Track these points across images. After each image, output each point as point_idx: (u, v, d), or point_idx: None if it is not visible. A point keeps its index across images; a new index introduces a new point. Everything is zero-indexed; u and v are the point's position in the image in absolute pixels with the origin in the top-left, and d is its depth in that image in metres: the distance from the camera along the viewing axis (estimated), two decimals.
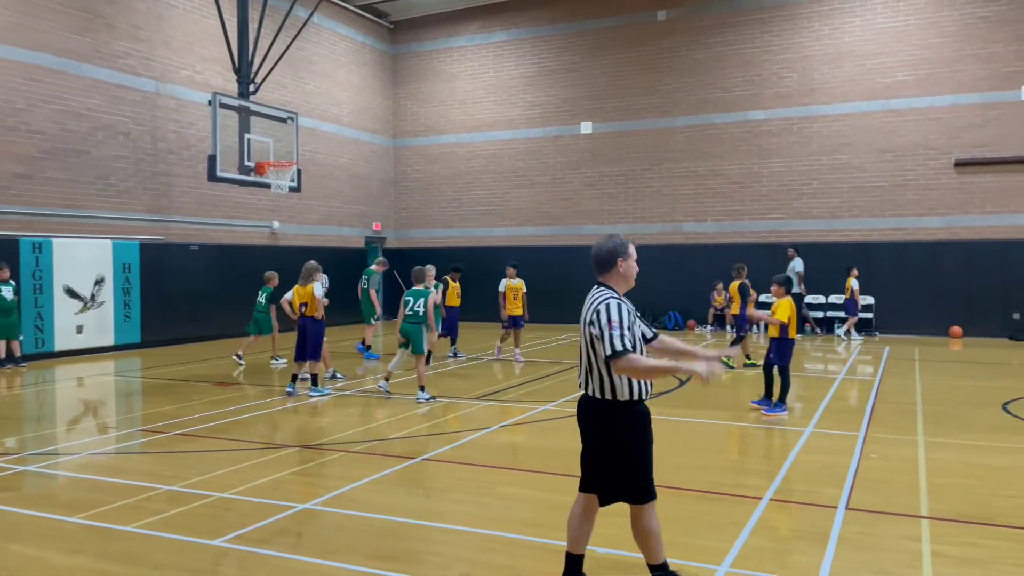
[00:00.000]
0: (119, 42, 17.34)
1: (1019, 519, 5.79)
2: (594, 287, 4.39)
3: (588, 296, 4.36)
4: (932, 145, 19.91)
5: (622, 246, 4.40)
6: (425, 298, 10.86)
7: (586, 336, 4.25)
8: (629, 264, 4.40)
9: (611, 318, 4.09)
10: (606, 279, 4.39)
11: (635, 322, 4.25)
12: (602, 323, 4.11)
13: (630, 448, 4.21)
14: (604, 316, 4.12)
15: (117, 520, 5.78)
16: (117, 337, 17.03)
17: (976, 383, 12.66)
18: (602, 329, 4.10)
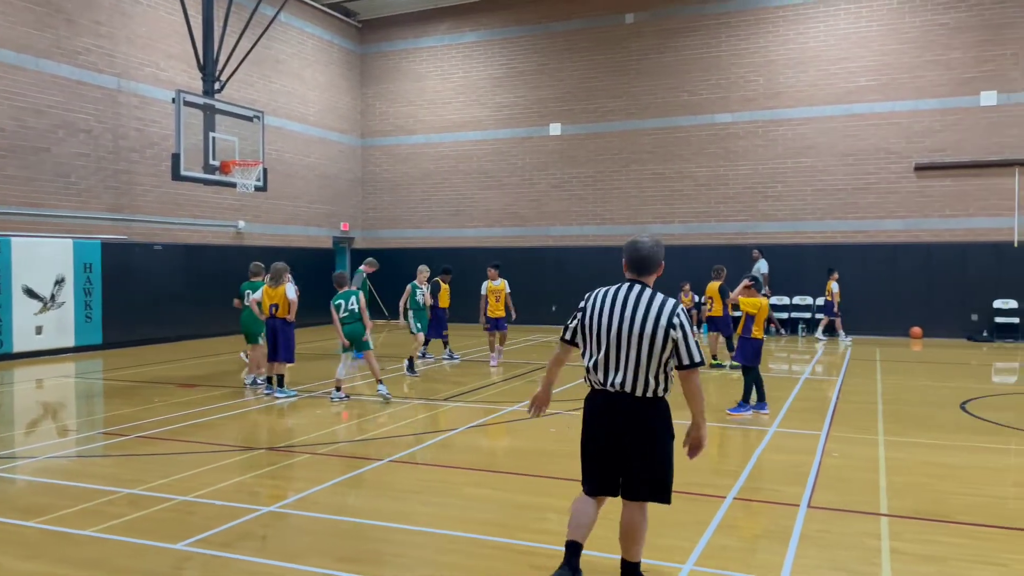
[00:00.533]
0: (80, 38, 17.04)
1: (975, 516, 5.92)
2: (635, 285, 4.28)
3: (631, 294, 4.25)
4: (893, 149, 20.28)
5: (663, 248, 4.40)
6: (356, 296, 10.85)
7: (660, 337, 4.12)
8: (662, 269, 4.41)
9: (692, 326, 4.16)
10: (647, 279, 4.32)
11: None
12: (686, 328, 4.11)
13: (671, 442, 4.30)
14: (688, 322, 4.14)
15: (76, 524, 5.68)
16: (78, 338, 16.72)
17: (935, 383, 12.92)
18: (686, 336, 4.10)
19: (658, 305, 4.17)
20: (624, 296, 4.25)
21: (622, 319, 4.20)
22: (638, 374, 4.16)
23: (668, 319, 4.12)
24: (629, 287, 4.28)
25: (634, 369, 4.16)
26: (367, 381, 12.36)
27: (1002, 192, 19.38)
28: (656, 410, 4.23)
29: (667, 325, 4.12)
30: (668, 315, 4.13)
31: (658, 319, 4.13)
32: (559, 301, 21.85)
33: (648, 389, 4.18)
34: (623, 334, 4.18)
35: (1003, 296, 19.37)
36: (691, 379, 4.17)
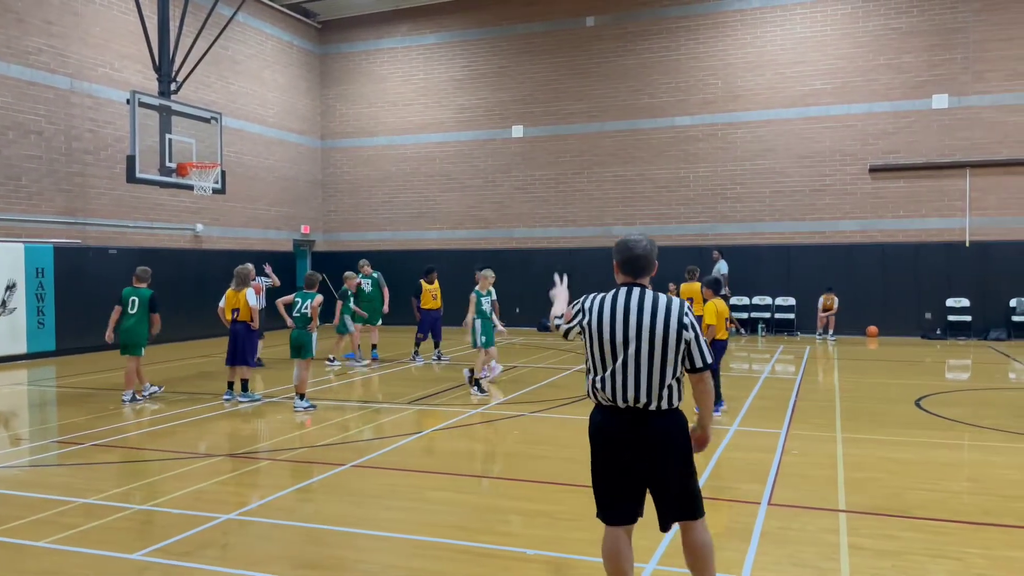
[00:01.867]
0: (31, 37, 16.64)
1: (931, 511, 6.05)
2: (635, 288, 3.96)
3: (632, 298, 3.92)
4: (848, 151, 20.67)
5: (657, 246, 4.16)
6: (311, 300, 10.61)
7: (672, 341, 3.84)
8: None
9: (700, 327, 3.96)
10: (644, 281, 4.04)
11: None
12: (698, 330, 3.87)
13: (690, 457, 4.02)
14: (696, 325, 3.90)
15: (29, 536, 5.53)
16: (30, 345, 16.30)
17: (891, 380, 13.18)
18: (698, 337, 3.87)
19: (664, 306, 3.87)
20: (625, 302, 3.91)
21: (627, 327, 3.85)
22: (652, 385, 3.83)
23: (679, 319, 3.85)
24: (628, 291, 3.95)
25: (647, 380, 3.83)
26: (340, 382, 12.25)
27: (953, 193, 19.87)
28: (671, 424, 3.91)
29: (679, 326, 3.84)
30: (678, 315, 3.85)
31: (668, 321, 3.84)
32: (523, 303, 21.87)
33: (664, 400, 3.86)
34: (631, 343, 3.84)
35: (955, 295, 19.86)
36: (704, 381, 3.94)
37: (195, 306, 19.08)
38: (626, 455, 3.89)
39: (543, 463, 7.62)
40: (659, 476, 3.89)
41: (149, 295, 11.14)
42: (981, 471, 7.43)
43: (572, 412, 10.21)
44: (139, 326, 11.08)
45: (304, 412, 10.22)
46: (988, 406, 10.80)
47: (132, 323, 11.09)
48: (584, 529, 5.61)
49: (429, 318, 15.46)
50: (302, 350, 10.46)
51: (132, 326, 11.09)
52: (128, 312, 11.11)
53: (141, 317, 11.08)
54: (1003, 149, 19.47)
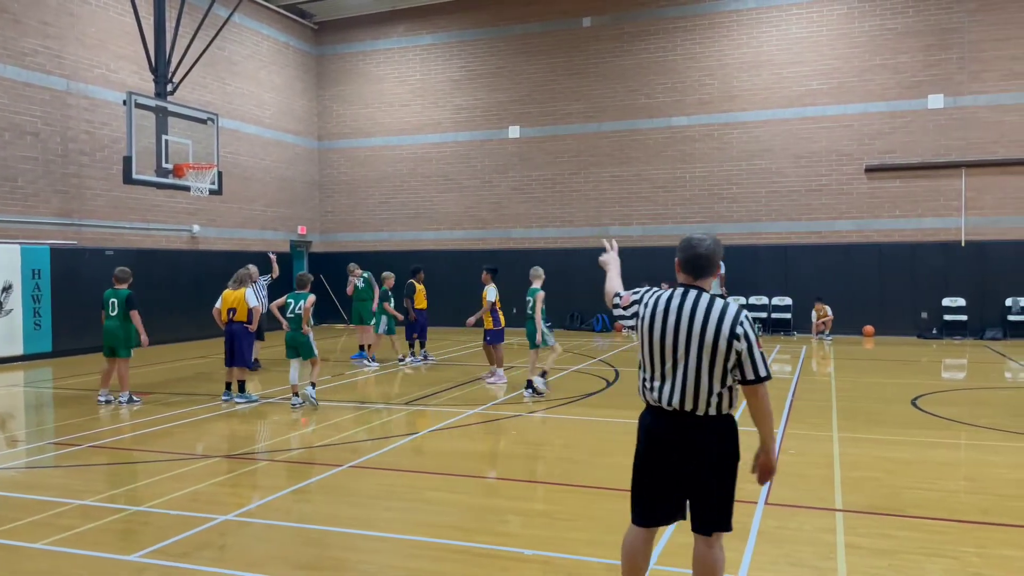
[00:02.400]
0: (27, 39, 16.61)
1: (927, 510, 6.07)
2: (694, 291, 3.79)
3: (687, 299, 3.77)
4: (844, 151, 20.71)
5: (722, 246, 3.96)
6: (304, 300, 10.65)
7: (721, 348, 3.67)
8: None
9: (757, 337, 3.72)
10: (703, 283, 3.84)
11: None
12: (752, 340, 3.67)
13: (736, 465, 3.84)
14: (752, 332, 3.69)
15: (26, 537, 5.52)
16: (27, 346, 16.27)
17: (887, 380, 13.20)
18: (751, 347, 3.66)
19: (719, 312, 3.70)
20: (679, 304, 3.76)
21: (678, 329, 3.73)
22: (699, 391, 3.70)
23: (731, 327, 3.66)
24: (684, 293, 3.79)
25: (694, 387, 3.71)
26: (338, 383, 12.24)
27: (949, 193, 19.91)
28: (720, 430, 3.77)
29: (730, 335, 3.66)
30: (731, 323, 3.67)
31: (719, 328, 3.67)
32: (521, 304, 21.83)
33: (710, 406, 3.72)
34: (680, 346, 3.73)
35: (951, 295, 19.90)
36: (757, 395, 3.70)
37: (192, 307, 19.06)
38: (672, 458, 3.81)
39: (541, 463, 7.63)
40: (699, 482, 3.80)
41: (126, 295, 11.09)
42: (977, 470, 7.45)
43: (570, 412, 10.22)
44: (120, 327, 11.02)
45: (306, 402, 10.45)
46: (984, 405, 10.83)
47: (113, 325, 11.02)
48: (582, 529, 5.62)
49: (422, 318, 15.51)
50: (300, 350, 10.52)
51: (113, 328, 11.02)
52: (109, 314, 11.07)
53: (122, 318, 11.03)
54: (999, 149, 19.51)
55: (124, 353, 11.10)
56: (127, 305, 11.04)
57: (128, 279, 11.33)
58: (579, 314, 22.88)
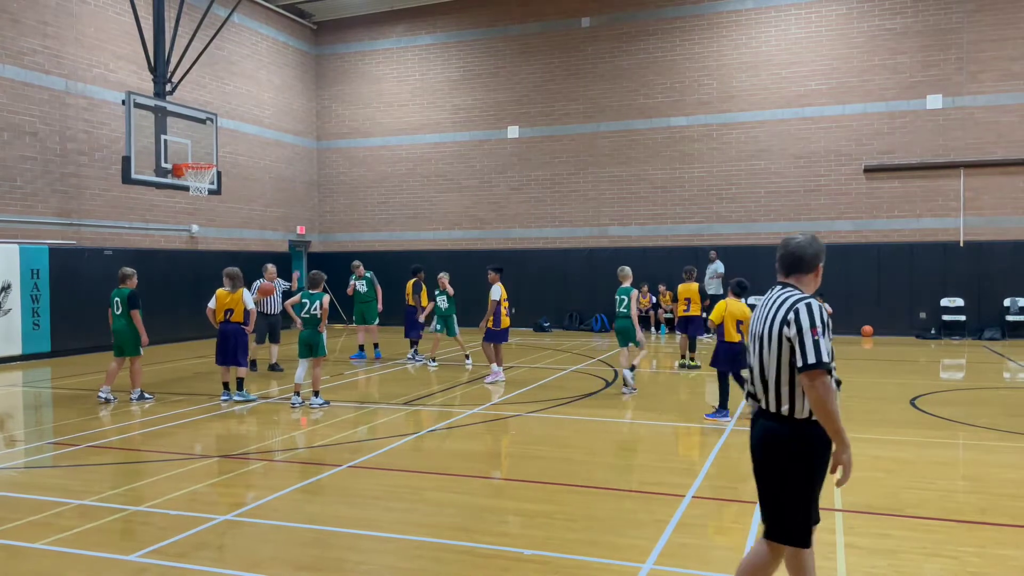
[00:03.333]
0: (26, 38, 16.60)
1: (926, 510, 6.08)
2: (779, 287, 3.83)
3: (771, 295, 3.82)
4: (843, 152, 20.72)
5: (824, 251, 3.89)
6: (320, 300, 10.68)
7: (775, 339, 3.66)
8: (821, 272, 3.87)
9: (814, 322, 3.54)
10: (797, 281, 3.82)
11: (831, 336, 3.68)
12: (803, 325, 3.54)
13: (803, 477, 3.66)
14: (806, 319, 3.55)
15: (24, 537, 5.52)
16: (25, 346, 16.26)
17: (886, 380, 13.21)
18: (802, 332, 3.54)
19: (777, 302, 3.71)
20: (764, 300, 3.84)
21: (756, 325, 3.81)
22: (767, 385, 3.70)
23: (784, 314, 3.62)
24: (772, 289, 3.87)
25: (761, 380, 3.73)
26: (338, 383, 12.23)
27: (948, 193, 19.93)
28: (790, 432, 3.65)
29: (782, 321, 3.62)
30: (785, 310, 3.63)
31: (775, 316, 3.67)
32: (520, 303, 21.87)
33: (781, 405, 3.65)
34: (756, 342, 3.79)
35: (950, 295, 19.91)
36: (810, 385, 3.51)
37: (191, 307, 19.02)
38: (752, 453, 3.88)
39: (540, 463, 7.63)
40: (759, 480, 3.81)
41: (128, 293, 11.17)
42: (976, 470, 7.46)
43: (569, 412, 10.23)
44: (127, 327, 11.13)
45: (319, 408, 10.44)
46: (983, 405, 10.84)
47: (120, 324, 11.17)
48: (581, 529, 5.62)
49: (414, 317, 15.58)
50: (314, 349, 10.56)
51: (120, 327, 11.17)
52: (115, 314, 11.21)
53: (128, 317, 11.13)
54: (997, 149, 19.54)
55: (133, 352, 11.20)
56: (129, 304, 11.10)
57: (129, 279, 11.37)
58: (577, 314, 22.88)
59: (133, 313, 11.09)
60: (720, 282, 20.52)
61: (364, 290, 15.87)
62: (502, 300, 12.97)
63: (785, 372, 3.62)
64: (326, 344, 10.83)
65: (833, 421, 3.54)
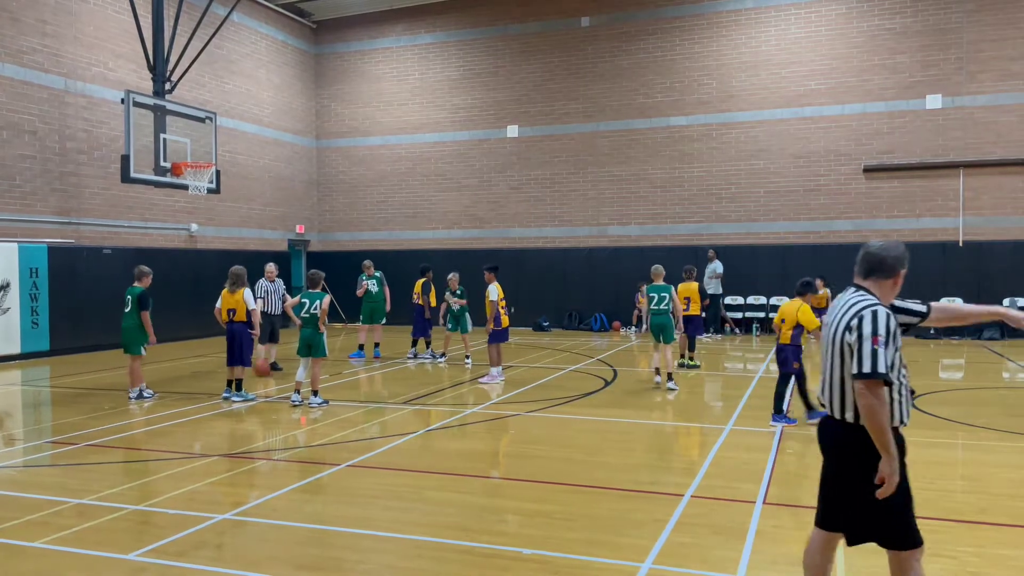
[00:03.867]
0: (25, 37, 16.58)
1: (925, 510, 6.05)
2: (851, 289, 3.80)
3: (843, 298, 3.78)
4: (842, 151, 20.72)
5: (907, 257, 3.79)
6: (320, 300, 10.69)
7: (838, 343, 3.63)
8: (901, 278, 3.77)
9: (877, 330, 3.47)
10: (873, 286, 3.75)
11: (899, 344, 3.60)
12: (864, 332, 3.49)
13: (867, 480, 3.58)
14: (869, 325, 3.49)
15: (23, 536, 5.51)
16: (24, 345, 16.24)
17: None
18: (861, 339, 3.48)
19: (848, 306, 3.66)
20: (836, 301, 3.81)
21: (825, 328, 3.80)
22: (833, 391, 3.66)
23: (848, 320, 3.58)
24: (845, 291, 3.83)
25: (828, 385, 3.70)
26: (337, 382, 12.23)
27: (947, 193, 19.93)
28: (850, 438, 3.62)
29: (844, 327, 3.58)
30: (849, 316, 3.59)
31: (839, 321, 3.63)
32: (519, 303, 21.87)
33: (846, 410, 3.61)
34: (822, 344, 3.80)
35: (949, 294, 19.88)
36: (861, 393, 3.46)
37: (190, 306, 19.05)
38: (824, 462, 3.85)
39: (539, 463, 7.63)
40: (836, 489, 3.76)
41: (138, 292, 11.23)
42: (975, 470, 7.46)
43: (567, 412, 10.23)
44: (133, 325, 11.18)
45: (318, 408, 10.44)
46: (982, 405, 10.84)
47: (125, 323, 11.26)
48: (580, 529, 5.62)
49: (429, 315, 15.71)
50: (313, 349, 10.56)
51: (126, 325, 11.25)
52: (125, 311, 11.30)
53: (134, 315, 11.17)
54: (996, 149, 19.54)
55: (134, 350, 11.24)
56: (138, 304, 11.17)
57: (142, 277, 11.44)
58: (577, 313, 22.88)
59: (143, 314, 11.16)
60: (719, 282, 20.55)
61: (375, 290, 15.86)
62: (499, 299, 12.93)
63: (849, 380, 3.57)
64: (326, 344, 10.83)
65: (880, 434, 3.46)
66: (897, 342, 3.55)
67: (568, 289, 23.00)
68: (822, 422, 3.83)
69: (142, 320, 11.14)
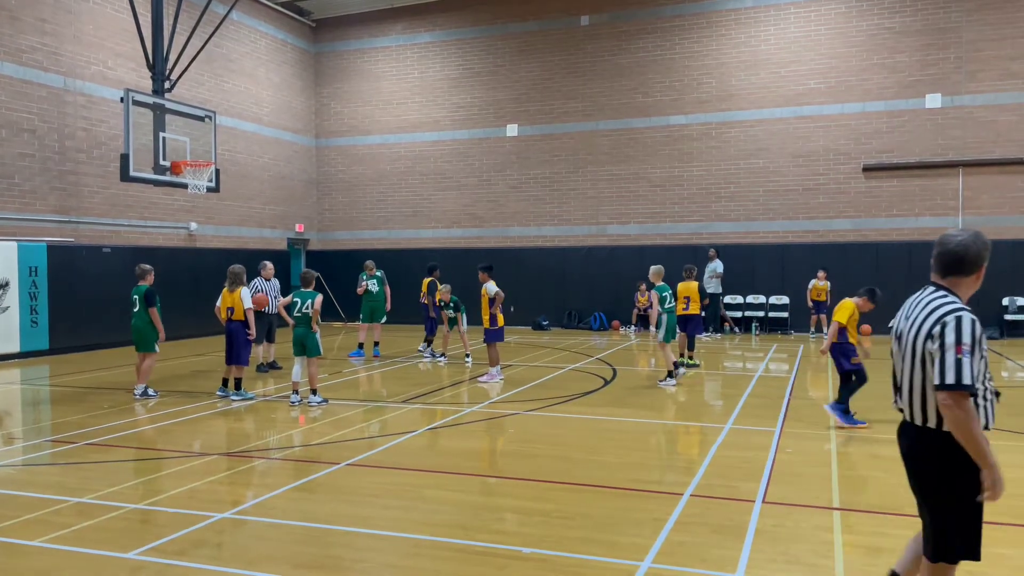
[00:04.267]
0: (25, 36, 16.57)
1: None
2: (930, 288, 3.56)
3: (920, 298, 3.57)
4: (842, 151, 20.72)
5: (988, 248, 3.54)
6: (313, 299, 10.69)
7: (918, 351, 3.43)
8: (983, 272, 3.54)
9: (961, 339, 3.26)
10: (953, 284, 3.51)
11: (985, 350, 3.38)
12: (947, 341, 3.27)
13: (959, 491, 3.44)
14: (952, 333, 3.27)
15: (22, 535, 5.51)
16: (23, 344, 16.24)
17: (885, 378, 13.19)
18: (944, 348, 3.27)
19: (924, 308, 3.45)
20: (912, 303, 3.60)
21: (899, 329, 3.62)
22: (912, 397, 3.48)
23: (930, 326, 3.36)
24: (922, 291, 3.60)
25: (908, 391, 3.50)
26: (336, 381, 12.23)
27: (946, 192, 19.93)
28: (933, 444, 3.44)
29: (927, 334, 3.37)
30: (932, 321, 3.36)
31: (920, 326, 3.41)
32: (518, 302, 21.88)
33: (928, 417, 3.43)
34: (897, 344, 3.60)
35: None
36: (945, 405, 3.27)
37: (189, 305, 19.03)
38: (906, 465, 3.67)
39: (538, 461, 7.63)
40: (919, 501, 3.62)
41: (144, 291, 11.33)
42: None
43: (567, 410, 10.23)
44: (143, 324, 11.30)
45: (318, 407, 10.46)
46: None
47: (135, 321, 11.36)
48: (579, 527, 5.62)
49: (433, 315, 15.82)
50: (307, 348, 10.56)
51: (136, 324, 11.35)
52: (133, 311, 11.41)
53: (143, 314, 11.29)
54: (996, 148, 19.54)
55: (148, 348, 11.34)
56: (146, 302, 11.28)
57: (145, 275, 11.53)
58: (576, 312, 22.88)
59: (151, 311, 11.25)
60: (719, 281, 20.56)
61: (376, 289, 15.91)
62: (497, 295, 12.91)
63: (931, 386, 3.38)
64: (320, 343, 10.79)
65: (972, 444, 3.29)
66: (983, 349, 3.34)
67: (567, 288, 23.01)
68: (902, 427, 3.64)
69: (151, 317, 11.25)
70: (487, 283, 12.98)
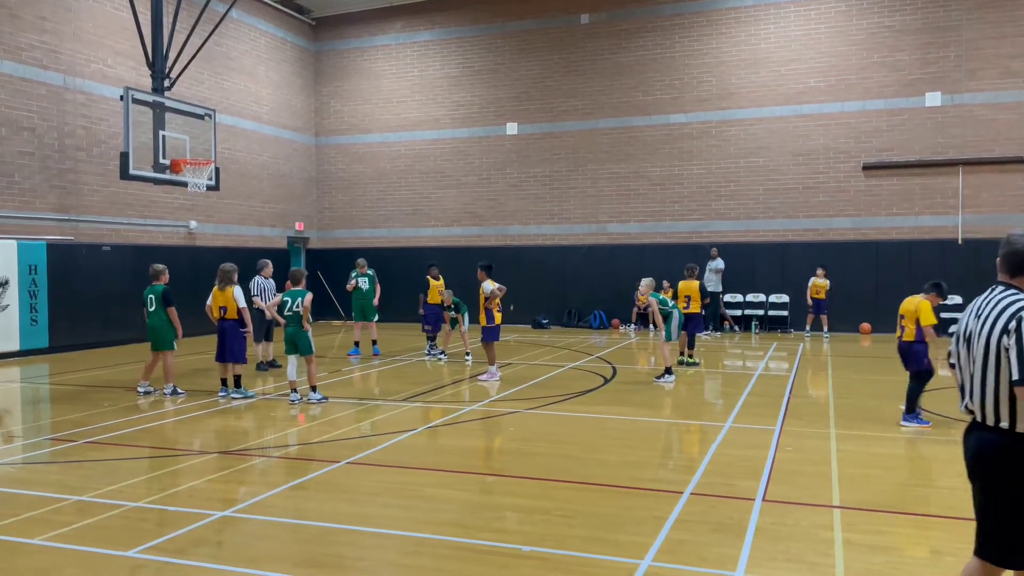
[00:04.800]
0: (24, 34, 16.55)
1: (922, 506, 6.08)
2: (999, 288, 3.58)
3: (990, 296, 3.58)
4: (842, 149, 20.71)
5: None
6: (302, 297, 10.70)
7: (993, 347, 3.41)
8: None
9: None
10: (1017, 280, 3.56)
11: None
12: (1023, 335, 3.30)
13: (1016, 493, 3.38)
14: None
15: (22, 534, 5.51)
16: (23, 342, 16.23)
17: (884, 377, 13.21)
18: (1021, 343, 3.28)
19: (995, 306, 3.46)
20: (981, 301, 3.60)
21: (968, 328, 3.59)
22: (985, 396, 3.45)
23: (1006, 321, 3.37)
24: (990, 291, 3.61)
25: (980, 390, 3.47)
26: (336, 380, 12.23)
27: (946, 191, 19.92)
28: (998, 443, 3.41)
29: (1002, 330, 3.37)
30: (1007, 317, 3.37)
31: (994, 324, 3.41)
32: (518, 301, 21.87)
33: (1000, 417, 3.40)
34: (966, 346, 3.58)
35: (948, 293, 19.87)
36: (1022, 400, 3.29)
37: (189, 303, 18.90)
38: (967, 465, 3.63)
39: (538, 460, 7.63)
40: (974, 495, 3.59)
41: (161, 290, 11.44)
42: None
43: (567, 409, 10.23)
44: (161, 323, 11.35)
45: (317, 404, 10.48)
46: None
47: (153, 321, 11.43)
48: (579, 526, 5.62)
49: (433, 313, 15.78)
50: (299, 347, 10.58)
51: (154, 324, 11.42)
52: (149, 311, 11.47)
53: (160, 313, 11.37)
54: (996, 147, 19.53)
55: (167, 346, 11.39)
56: (163, 301, 11.36)
57: (159, 275, 11.63)
58: (576, 311, 22.87)
59: (169, 310, 11.34)
60: (719, 279, 20.56)
61: (366, 287, 15.96)
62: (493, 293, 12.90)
63: (1005, 385, 3.37)
64: (312, 341, 10.80)
65: None
66: None
67: (567, 287, 23.01)
68: (970, 428, 3.60)
69: (169, 316, 11.33)
70: (484, 282, 13.00)
